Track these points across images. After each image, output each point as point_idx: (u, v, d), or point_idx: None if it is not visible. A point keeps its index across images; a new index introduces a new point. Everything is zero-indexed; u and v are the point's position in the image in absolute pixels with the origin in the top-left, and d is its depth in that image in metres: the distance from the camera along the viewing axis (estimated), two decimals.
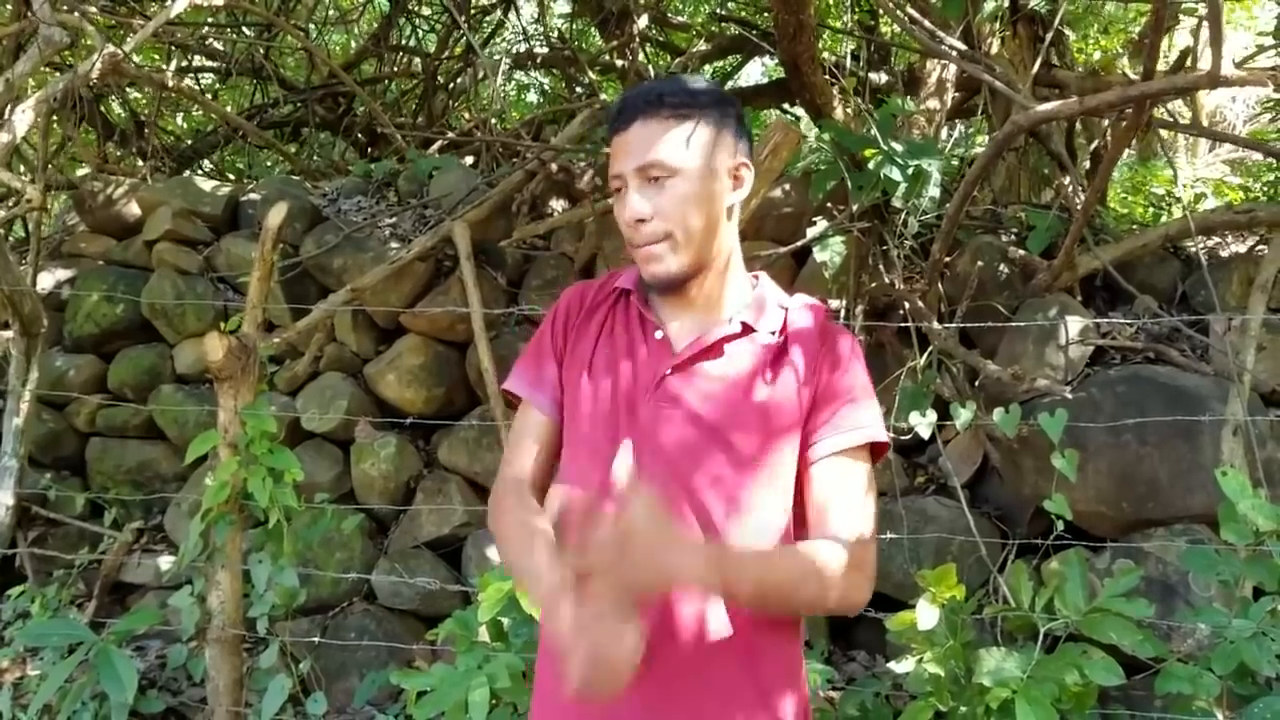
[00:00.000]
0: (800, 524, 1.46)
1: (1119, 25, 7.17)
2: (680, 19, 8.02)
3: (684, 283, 1.44)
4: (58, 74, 5.32)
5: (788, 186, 3.91)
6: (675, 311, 1.49)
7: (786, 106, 6.29)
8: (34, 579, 4.05)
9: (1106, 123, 4.17)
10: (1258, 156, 6.45)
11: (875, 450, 1.47)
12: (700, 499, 1.39)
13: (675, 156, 1.38)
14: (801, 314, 1.49)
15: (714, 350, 1.44)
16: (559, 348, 1.57)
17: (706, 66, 7.81)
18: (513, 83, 8.67)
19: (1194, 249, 3.57)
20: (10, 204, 4.68)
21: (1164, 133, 7.25)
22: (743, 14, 7.23)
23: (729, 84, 7.52)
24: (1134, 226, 4.35)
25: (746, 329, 1.45)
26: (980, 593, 2.94)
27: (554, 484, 1.56)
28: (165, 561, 4.19)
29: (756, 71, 9.36)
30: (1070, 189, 3.77)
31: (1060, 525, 2.48)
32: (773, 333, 1.46)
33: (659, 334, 1.48)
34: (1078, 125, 5.37)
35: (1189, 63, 3.37)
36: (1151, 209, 6.04)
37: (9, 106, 4.11)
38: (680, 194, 1.38)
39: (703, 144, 1.39)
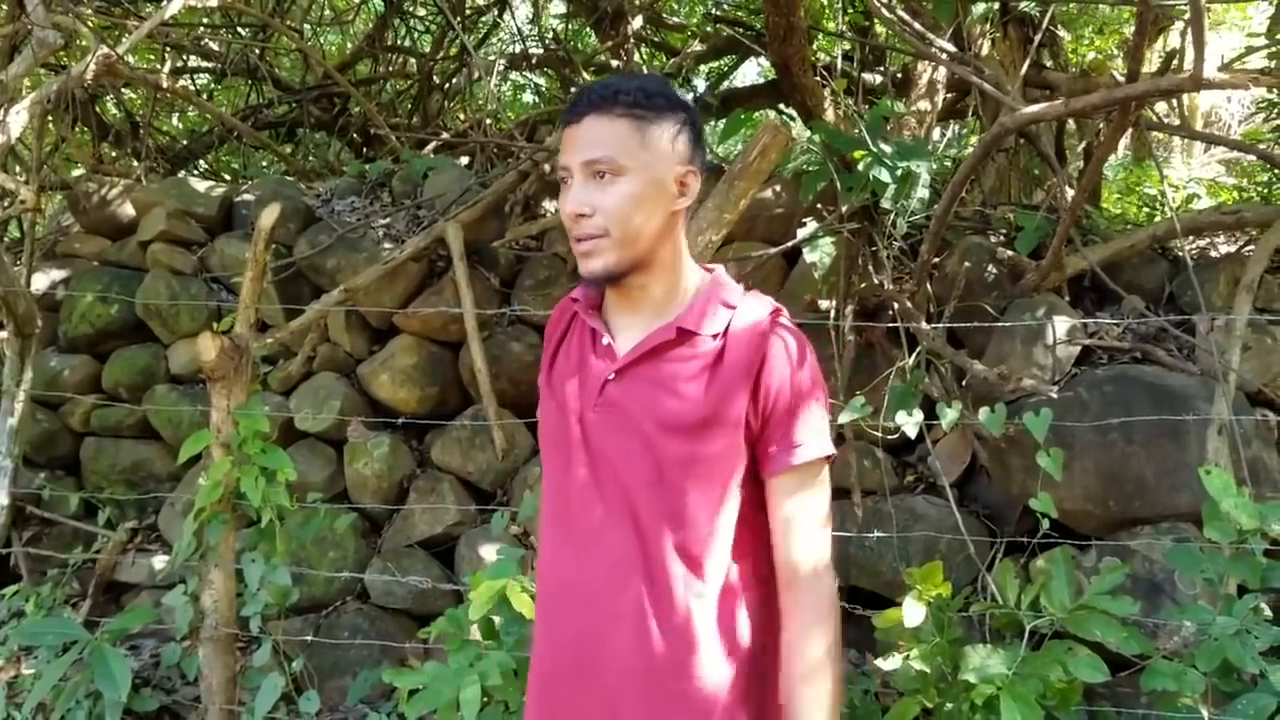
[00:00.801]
0: (753, 530, 1.48)
1: (1113, 26, 7.18)
2: (675, 20, 8.03)
3: (617, 280, 1.45)
4: (52, 75, 5.33)
5: (778, 188, 3.92)
6: (623, 318, 1.51)
7: (782, 107, 6.32)
8: (29, 578, 4.06)
9: (1101, 124, 4.20)
10: (1252, 157, 6.47)
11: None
12: (638, 505, 1.42)
13: (621, 155, 1.38)
14: (747, 314, 1.48)
15: (653, 355, 1.45)
16: (542, 361, 1.64)
17: (701, 67, 7.82)
18: (508, 84, 8.69)
19: (1181, 250, 3.59)
20: (5, 205, 4.68)
21: (1157, 134, 7.29)
22: (737, 15, 7.25)
23: (724, 84, 7.54)
24: (1127, 227, 4.38)
25: (685, 333, 1.45)
26: (968, 590, 2.97)
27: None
28: (159, 561, 4.20)
29: (753, 72, 9.37)
30: (1059, 190, 3.79)
31: (1046, 524, 2.50)
32: (715, 335, 1.45)
33: (605, 341, 1.50)
34: (1070, 126, 5.40)
35: (1176, 65, 3.40)
36: (1145, 210, 6.07)
37: (3, 108, 4.13)
38: (622, 193, 1.39)
39: (651, 146, 1.40)
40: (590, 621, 1.44)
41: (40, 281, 4.83)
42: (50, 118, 5.27)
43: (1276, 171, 5.18)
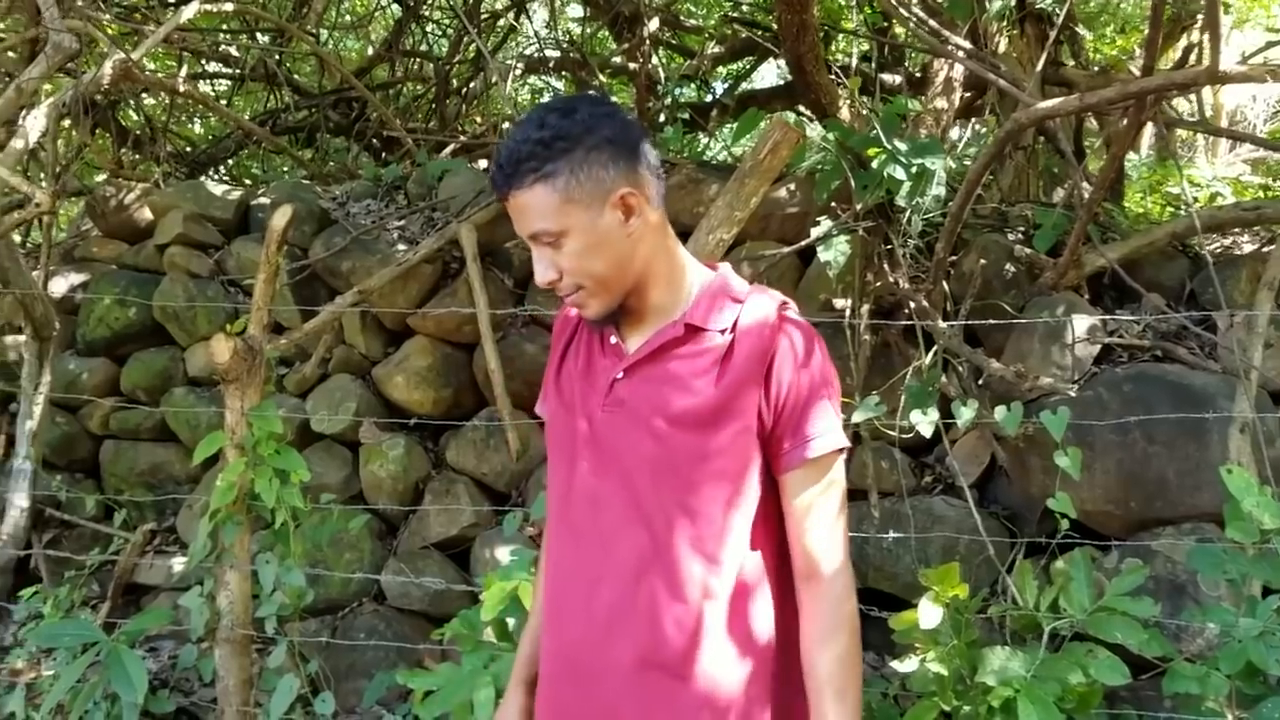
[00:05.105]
0: (769, 526, 1.47)
1: (1135, 25, 7.13)
2: (692, 22, 8.01)
3: (617, 313, 1.46)
4: (73, 80, 5.36)
5: (792, 186, 3.90)
6: (631, 318, 1.50)
7: (801, 108, 6.29)
8: (48, 580, 4.08)
9: (1125, 121, 4.15)
10: (1278, 155, 6.40)
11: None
12: (648, 502, 1.41)
13: (553, 221, 1.36)
14: (755, 309, 1.46)
15: (661, 352, 1.44)
16: (550, 361, 1.63)
17: (719, 69, 7.81)
18: (526, 87, 8.69)
19: (1201, 247, 3.54)
20: (19, 208, 4.72)
21: (1181, 133, 7.22)
22: (755, 16, 7.23)
23: (742, 86, 7.52)
24: (1149, 225, 4.32)
25: (693, 329, 1.44)
26: (986, 592, 2.93)
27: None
28: (178, 563, 4.22)
29: (772, 74, 9.34)
30: (1077, 187, 3.75)
31: (1066, 524, 2.46)
32: (723, 330, 1.44)
33: (614, 339, 1.49)
34: (1093, 125, 5.36)
35: (1193, 59, 3.35)
36: (1169, 209, 6.01)
37: (22, 112, 4.15)
38: (574, 251, 1.38)
39: (573, 197, 1.35)
40: (595, 621, 1.43)
41: (59, 285, 4.87)
42: (71, 123, 5.30)
43: None
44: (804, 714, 1.43)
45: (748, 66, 7.83)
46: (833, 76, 3.93)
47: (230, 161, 7.84)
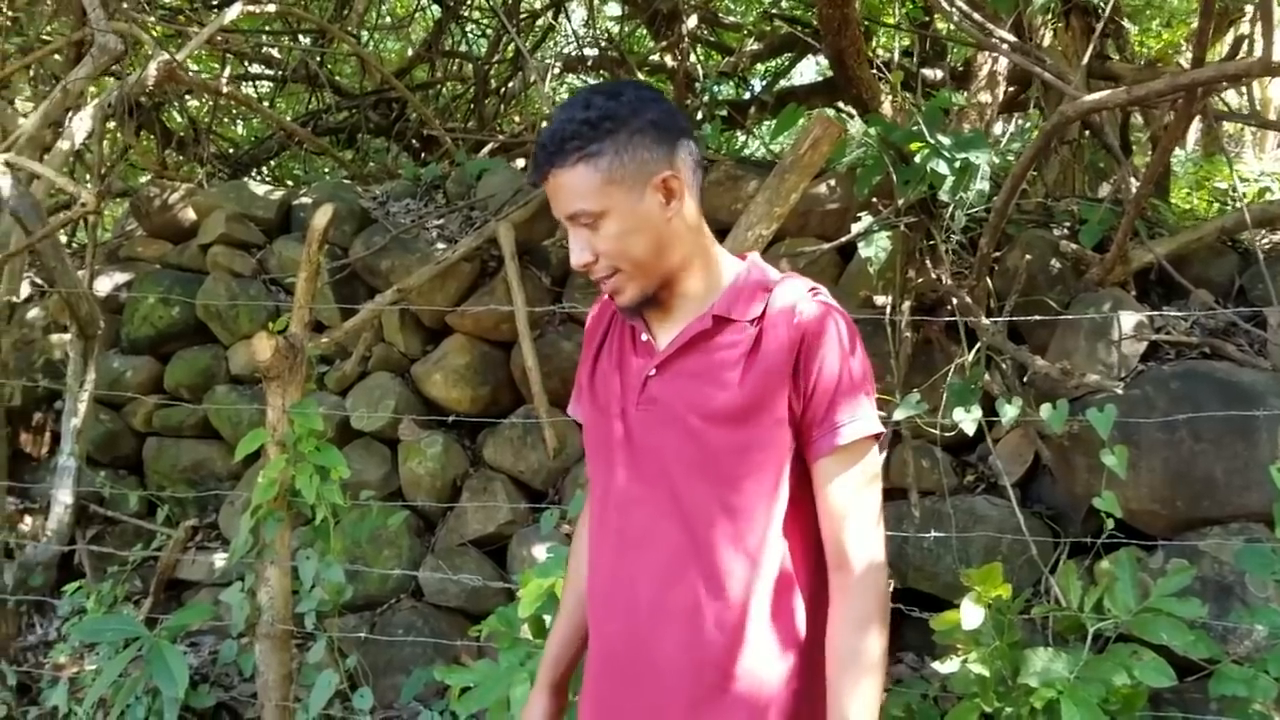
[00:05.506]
0: (805, 518, 1.45)
1: (1181, 19, 7.02)
2: (731, 19, 7.98)
3: (650, 302, 1.44)
4: (118, 81, 5.43)
5: (833, 182, 3.86)
6: (661, 314, 1.49)
7: (841, 105, 6.25)
8: (92, 576, 4.13)
9: (1171, 115, 4.08)
10: None
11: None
12: (686, 500, 1.40)
13: (593, 201, 1.35)
14: (783, 297, 1.44)
15: (692, 346, 1.43)
16: (583, 361, 1.63)
17: (758, 66, 7.78)
18: (564, 86, 8.71)
19: (1251, 242, 3.46)
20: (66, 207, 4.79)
21: (1228, 127, 7.09)
22: (794, 12, 7.19)
23: (781, 83, 7.48)
24: (1196, 221, 4.25)
25: (722, 320, 1.43)
26: (1029, 593, 2.89)
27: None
28: (219, 558, 4.25)
29: (811, 70, 9.30)
30: (1124, 182, 3.69)
31: (1111, 524, 2.42)
32: (753, 321, 1.42)
33: (645, 337, 1.49)
34: (1138, 121, 5.27)
35: (1244, 51, 3.28)
36: (1216, 205, 5.90)
37: (69, 113, 4.21)
38: (612, 233, 1.37)
39: (616, 178, 1.35)
40: (637, 622, 1.43)
41: (103, 284, 4.93)
42: (116, 125, 5.37)
43: None
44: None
45: (786, 63, 7.79)
46: (874, 72, 3.89)
47: (272, 162, 7.93)
